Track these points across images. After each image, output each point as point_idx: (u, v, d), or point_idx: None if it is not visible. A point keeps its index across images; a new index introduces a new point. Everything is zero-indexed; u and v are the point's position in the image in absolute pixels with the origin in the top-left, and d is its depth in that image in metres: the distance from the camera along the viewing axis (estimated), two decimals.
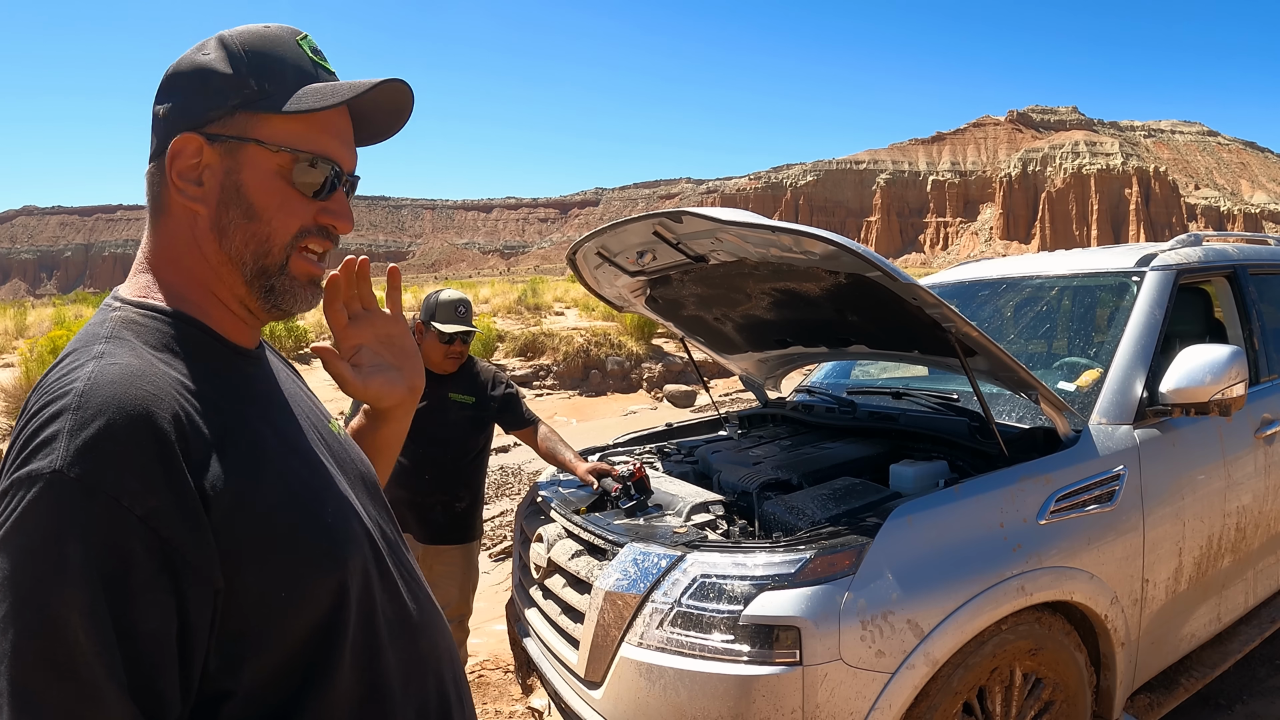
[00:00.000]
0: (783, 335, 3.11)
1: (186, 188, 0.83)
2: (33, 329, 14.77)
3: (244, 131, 0.83)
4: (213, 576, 0.71)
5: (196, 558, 0.69)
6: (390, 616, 0.87)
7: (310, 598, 0.77)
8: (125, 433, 0.68)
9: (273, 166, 0.84)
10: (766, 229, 2.00)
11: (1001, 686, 1.97)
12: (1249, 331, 3.00)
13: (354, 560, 0.83)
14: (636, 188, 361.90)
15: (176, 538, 0.68)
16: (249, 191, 0.84)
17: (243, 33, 0.85)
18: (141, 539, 0.66)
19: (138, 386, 0.72)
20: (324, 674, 0.78)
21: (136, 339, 0.79)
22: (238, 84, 0.82)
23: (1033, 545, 1.98)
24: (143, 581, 0.66)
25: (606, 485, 2.53)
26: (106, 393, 0.70)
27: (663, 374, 13.81)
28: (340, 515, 0.84)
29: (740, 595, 1.74)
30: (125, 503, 0.66)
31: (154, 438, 0.69)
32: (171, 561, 0.68)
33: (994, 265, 3.57)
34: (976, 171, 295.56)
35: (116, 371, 0.73)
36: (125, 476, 0.67)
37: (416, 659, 0.89)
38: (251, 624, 0.74)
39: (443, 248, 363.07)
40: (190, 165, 0.83)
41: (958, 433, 2.53)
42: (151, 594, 0.67)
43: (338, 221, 0.89)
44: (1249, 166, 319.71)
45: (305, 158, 0.85)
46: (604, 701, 1.89)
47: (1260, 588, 2.86)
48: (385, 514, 0.99)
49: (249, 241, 0.85)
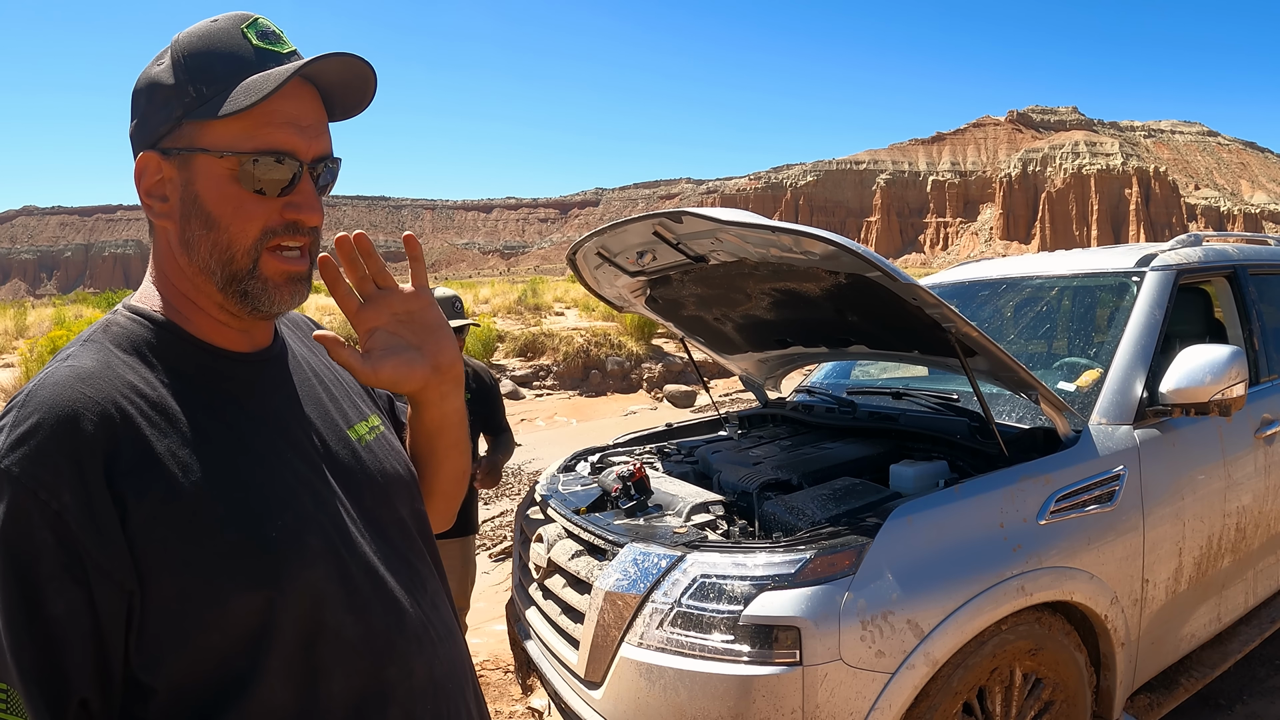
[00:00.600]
0: (783, 335, 3.11)
1: (154, 205, 0.84)
2: (33, 329, 14.77)
3: (192, 141, 0.82)
4: (122, 579, 0.73)
5: (102, 558, 0.72)
6: (352, 638, 0.83)
7: (231, 611, 0.76)
8: (50, 431, 0.72)
9: (223, 172, 0.82)
10: (766, 229, 2.00)
11: (1001, 686, 1.97)
12: (1249, 331, 3.00)
13: (298, 578, 0.80)
14: (636, 188, 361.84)
15: (84, 536, 0.71)
16: (205, 201, 0.82)
17: (187, 35, 0.83)
18: (54, 530, 0.70)
19: (77, 389, 0.75)
20: (248, 687, 0.77)
21: (109, 341, 0.82)
22: (179, 93, 0.81)
23: (1033, 545, 1.98)
24: (52, 570, 0.71)
25: (607, 485, 2.53)
26: (47, 394, 0.75)
27: (663, 374, 13.81)
28: (292, 531, 0.81)
29: (740, 595, 1.74)
30: (42, 496, 0.70)
31: (75, 439, 0.73)
32: (80, 557, 0.71)
33: (994, 265, 3.56)
34: (976, 171, 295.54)
35: (65, 374, 0.77)
36: (43, 471, 0.71)
37: (379, 684, 0.85)
38: (169, 630, 0.75)
39: (443, 248, 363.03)
40: (155, 183, 0.84)
41: (958, 433, 2.53)
42: (59, 582, 0.71)
43: (301, 215, 0.85)
44: (1249, 166, 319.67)
45: (251, 158, 0.81)
46: (604, 701, 1.89)
47: (1260, 588, 2.86)
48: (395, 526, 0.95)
49: (212, 251, 0.83)
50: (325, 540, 0.84)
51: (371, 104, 0.91)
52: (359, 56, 0.84)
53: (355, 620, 0.84)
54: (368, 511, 0.92)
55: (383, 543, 0.92)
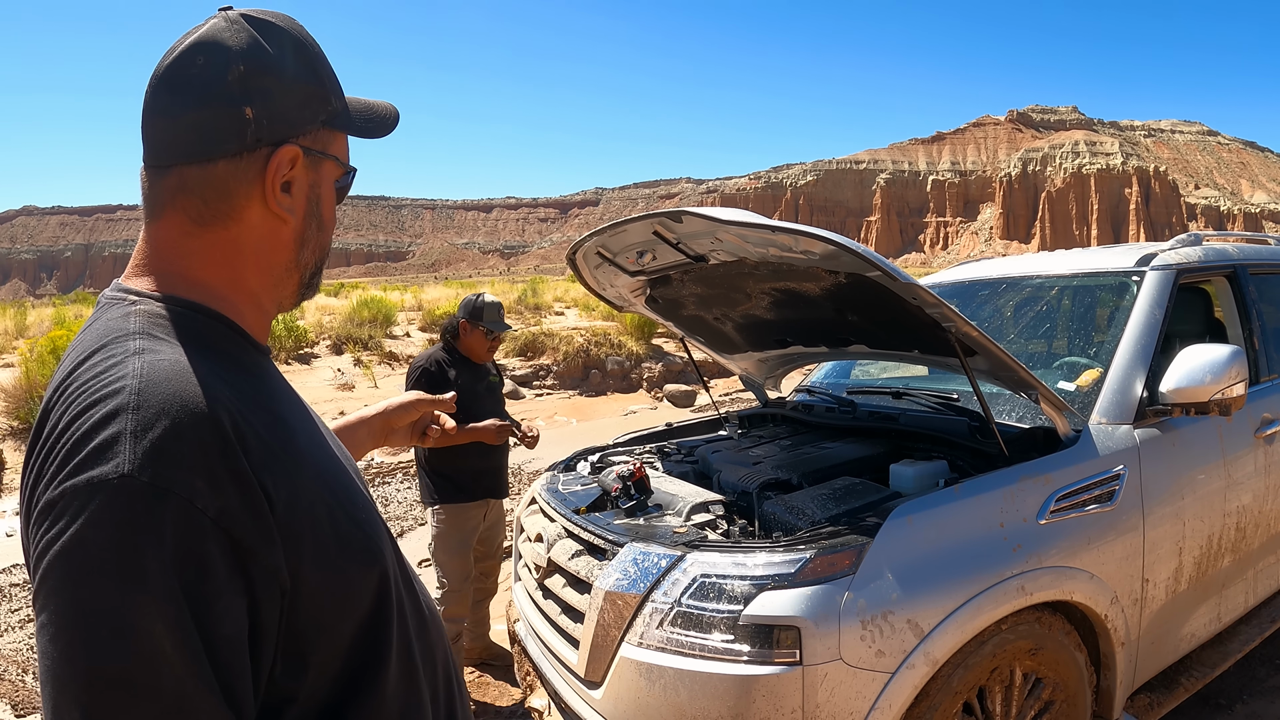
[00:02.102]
0: (783, 335, 3.11)
1: (282, 198, 0.83)
2: (33, 329, 14.77)
3: (326, 147, 0.87)
4: (280, 575, 0.69)
5: (267, 557, 0.67)
6: (410, 610, 0.88)
7: (360, 591, 0.78)
8: (191, 432, 0.65)
9: (335, 181, 0.90)
10: (766, 229, 2.00)
11: (1001, 686, 1.97)
12: (1249, 331, 3.00)
13: (386, 555, 0.83)
14: (636, 188, 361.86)
15: (248, 538, 0.66)
16: (324, 205, 0.89)
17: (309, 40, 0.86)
18: (216, 541, 0.64)
19: (192, 383, 0.69)
20: (377, 670, 0.79)
21: (169, 334, 0.75)
22: (323, 98, 0.85)
23: (1033, 545, 1.98)
24: (220, 585, 0.64)
25: (607, 485, 2.53)
26: (165, 390, 0.67)
27: (663, 374, 13.81)
28: (369, 511, 0.85)
29: (740, 595, 1.74)
30: (199, 504, 0.63)
31: (218, 435, 0.67)
32: (244, 562, 0.66)
33: (994, 265, 3.56)
34: (976, 171, 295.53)
35: (168, 368, 0.69)
36: (195, 477, 0.64)
37: (428, 648, 0.91)
38: (312, 622, 0.73)
39: (443, 248, 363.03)
40: (285, 176, 0.83)
41: (958, 432, 2.53)
42: (228, 597, 0.64)
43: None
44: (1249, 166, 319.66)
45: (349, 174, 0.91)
46: (604, 701, 1.89)
47: (1260, 587, 2.86)
48: None
49: (316, 250, 0.90)
50: (382, 521, 0.88)
51: None
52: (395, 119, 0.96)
53: (409, 594, 0.89)
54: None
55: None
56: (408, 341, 14.99)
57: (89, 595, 0.60)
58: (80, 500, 0.61)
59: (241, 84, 0.77)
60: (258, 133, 0.78)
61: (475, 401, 3.42)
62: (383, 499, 7.29)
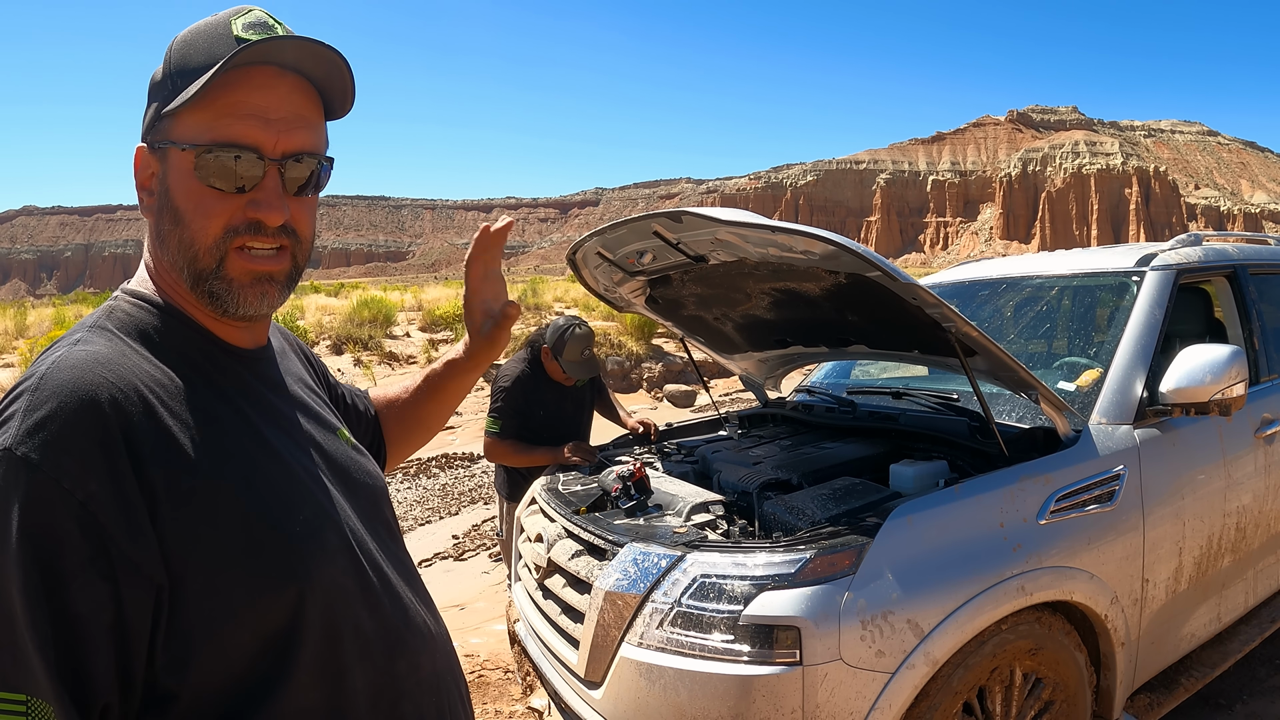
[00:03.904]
0: (783, 335, 3.11)
1: (144, 199, 0.84)
2: (33, 329, 14.77)
3: (166, 135, 0.80)
4: (152, 572, 0.69)
5: (132, 550, 0.68)
6: (368, 632, 0.83)
7: (262, 608, 0.75)
8: (72, 416, 0.68)
9: (187, 166, 0.79)
10: (766, 229, 2.00)
11: (1001, 686, 1.97)
12: (1249, 331, 3.00)
13: (322, 573, 0.79)
14: (636, 188, 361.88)
15: (113, 527, 0.67)
16: (173, 196, 0.80)
17: (187, 30, 0.82)
18: (79, 522, 0.66)
19: (96, 373, 0.71)
20: (276, 687, 0.75)
21: (118, 327, 0.79)
22: (162, 86, 0.80)
23: (1033, 545, 1.98)
24: (77, 564, 0.66)
25: (607, 485, 2.53)
26: (64, 377, 0.70)
27: (663, 374, 13.80)
28: (312, 527, 0.81)
29: (740, 595, 1.74)
30: (65, 485, 0.66)
31: (100, 425, 0.69)
32: (107, 550, 0.67)
33: (994, 265, 3.56)
34: (976, 171, 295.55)
35: (80, 357, 0.73)
36: (67, 459, 0.67)
37: (391, 679, 0.85)
38: (198, 627, 0.71)
39: (443, 248, 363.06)
40: (146, 176, 0.83)
41: (958, 432, 2.53)
42: (85, 577, 0.66)
43: (261, 214, 0.80)
44: (1249, 166, 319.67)
45: (207, 149, 0.78)
46: (604, 701, 1.89)
47: (1260, 587, 2.86)
48: (382, 526, 0.96)
49: (180, 248, 0.81)
50: (340, 535, 0.84)
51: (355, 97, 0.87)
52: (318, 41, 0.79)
53: (370, 615, 0.84)
54: (365, 508, 0.93)
55: (380, 540, 0.93)
56: (408, 341, 14.99)
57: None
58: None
59: None
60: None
61: (561, 419, 3.42)
62: None
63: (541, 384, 3.42)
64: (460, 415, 10.77)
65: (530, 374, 3.42)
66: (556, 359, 3.34)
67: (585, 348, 3.32)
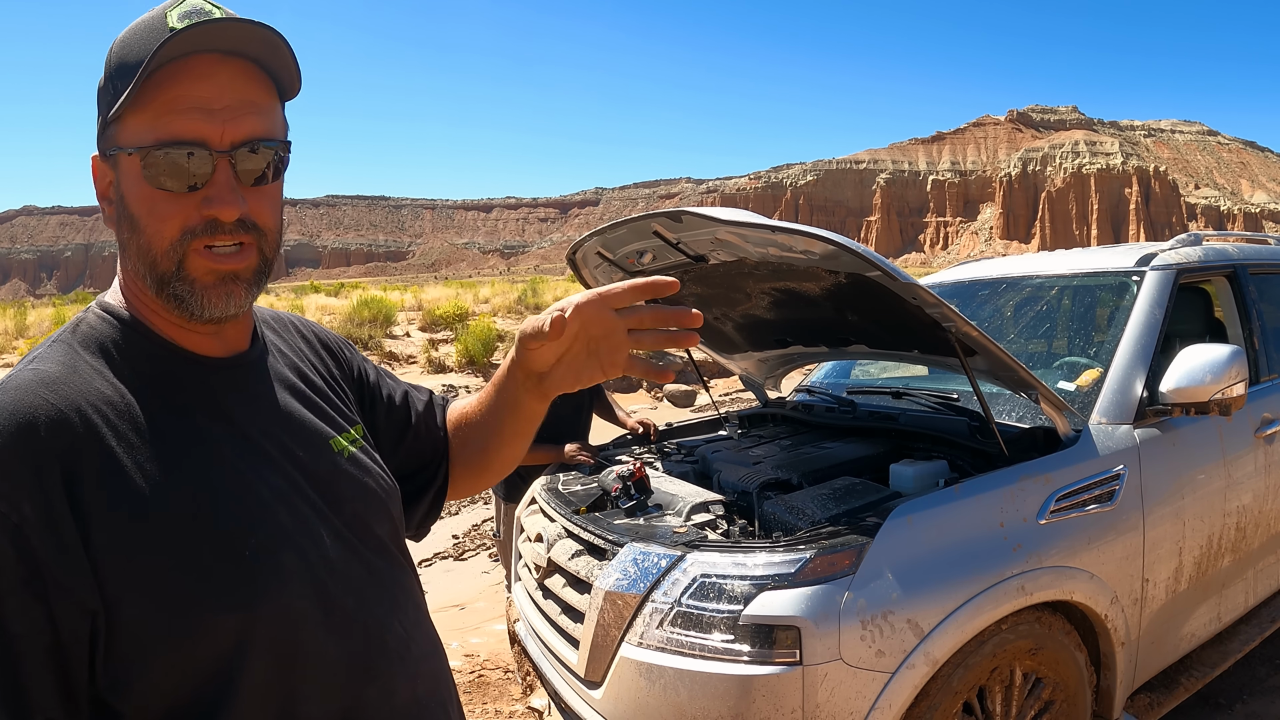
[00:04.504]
0: (783, 335, 3.11)
1: (105, 209, 0.82)
2: (33, 329, 14.78)
3: (114, 140, 0.77)
4: (84, 597, 0.68)
5: (63, 575, 0.67)
6: (331, 659, 0.80)
7: (204, 633, 0.72)
8: (8, 440, 0.68)
9: (136, 171, 0.76)
10: (766, 229, 2.00)
11: (1002, 686, 1.97)
12: (1249, 331, 3.00)
13: (272, 599, 0.76)
14: (636, 188, 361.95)
15: (43, 551, 0.67)
16: (129, 203, 0.77)
17: (126, 29, 0.78)
18: (14, 544, 0.66)
19: (38, 394, 0.71)
20: (220, 712, 0.73)
21: (77, 342, 0.79)
22: (105, 91, 0.77)
23: (1033, 545, 1.98)
24: (12, 585, 0.66)
25: (607, 485, 2.53)
26: (7, 400, 0.70)
27: None
28: (266, 547, 0.77)
29: (740, 595, 1.74)
30: (1, 507, 0.66)
31: (34, 448, 0.68)
32: (40, 573, 0.67)
33: (994, 265, 3.56)
34: (976, 171, 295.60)
35: (27, 379, 0.73)
36: (1, 482, 0.67)
37: (359, 706, 0.82)
38: (134, 652, 0.70)
39: (443, 247, 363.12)
40: (105, 185, 0.80)
41: (958, 432, 2.53)
42: (18, 599, 0.66)
43: (215, 210, 0.76)
44: (1249, 166, 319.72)
45: (150, 150, 0.74)
46: (604, 701, 1.89)
47: (1260, 587, 2.86)
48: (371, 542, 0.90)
49: (139, 254, 0.78)
50: (302, 557, 0.80)
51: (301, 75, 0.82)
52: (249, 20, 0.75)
53: (336, 641, 0.80)
54: (349, 525, 0.87)
55: (363, 558, 0.88)
56: (408, 341, 14.99)
57: None
58: None
59: None
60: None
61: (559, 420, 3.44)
62: None
63: None
64: None
65: None
66: None
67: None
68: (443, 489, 1.12)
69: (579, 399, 3.61)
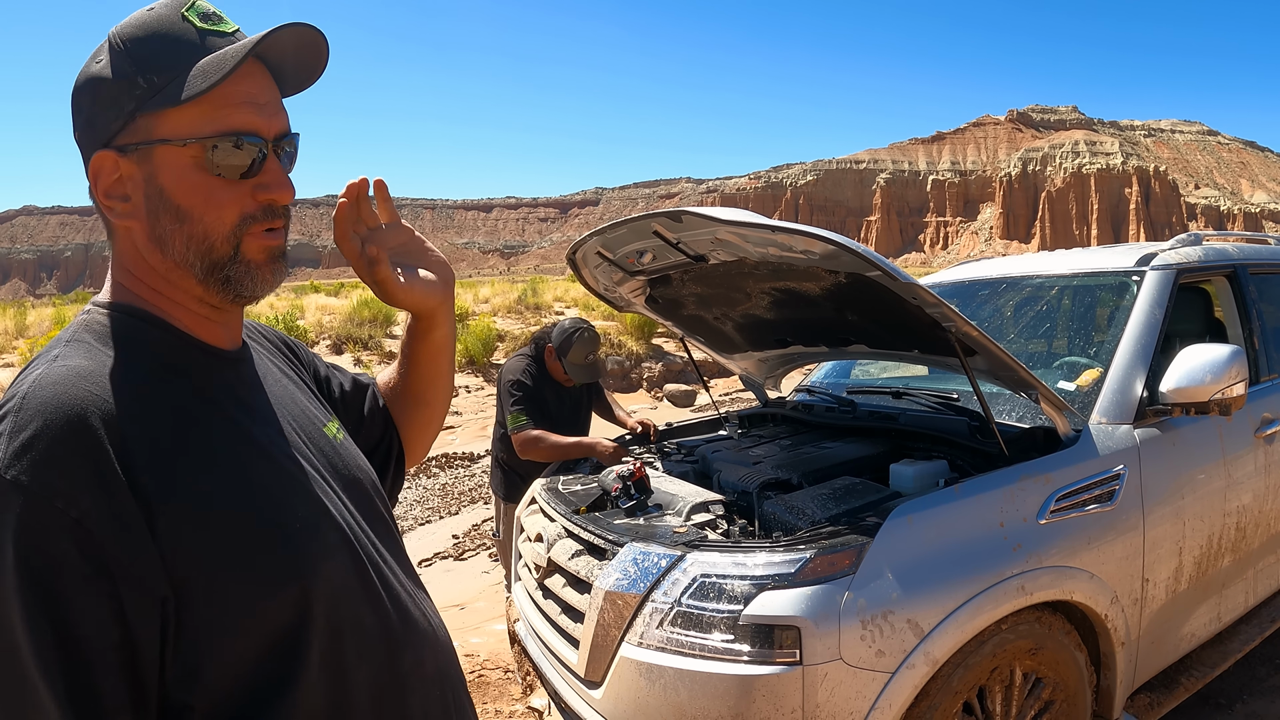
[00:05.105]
0: (783, 335, 3.11)
1: (115, 206, 0.81)
2: (33, 329, 14.77)
3: (149, 134, 0.79)
4: (155, 585, 0.68)
5: (133, 564, 0.67)
6: (370, 629, 0.84)
7: (269, 609, 0.75)
8: (59, 433, 0.67)
9: (187, 162, 0.79)
10: (766, 228, 2.00)
11: (1002, 686, 1.97)
12: (1249, 331, 3.00)
13: (322, 570, 0.79)
14: (636, 187, 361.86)
15: (111, 542, 0.66)
16: (172, 194, 0.80)
17: (127, 26, 0.79)
18: (75, 541, 0.65)
19: (80, 388, 0.71)
20: (287, 688, 0.75)
21: (95, 340, 0.78)
22: (129, 86, 0.78)
23: (1033, 545, 1.98)
24: (77, 584, 0.65)
25: (607, 485, 2.53)
26: (46, 395, 0.69)
27: (663, 374, 13.80)
28: (309, 523, 0.81)
29: (740, 595, 1.74)
30: (59, 504, 0.65)
31: (88, 441, 0.68)
32: (107, 566, 0.66)
33: (994, 265, 3.56)
34: (976, 171, 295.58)
35: (61, 373, 0.72)
36: (58, 478, 0.66)
37: (396, 675, 0.86)
38: (207, 635, 0.71)
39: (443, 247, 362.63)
40: (113, 182, 0.80)
41: (958, 432, 2.53)
42: (87, 597, 0.65)
43: (274, 195, 0.83)
44: (1249, 166, 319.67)
45: (214, 141, 0.79)
46: (604, 701, 1.89)
47: (1260, 587, 2.86)
48: (379, 522, 0.95)
49: (189, 244, 0.81)
50: (339, 532, 0.84)
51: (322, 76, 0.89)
52: (310, 25, 0.82)
53: (371, 611, 0.84)
54: (358, 505, 0.92)
55: (379, 535, 0.93)
56: None
57: None
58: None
59: (72, 112, 0.81)
60: (83, 152, 0.81)
61: (560, 419, 3.41)
62: None
63: (542, 382, 3.41)
64: (460, 415, 10.77)
65: (534, 370, 3.42)
66: (560, 359, 3.36)
67: (590, 351, 3.33)
68: (401, 457, 1.20)
69: (578, 398, 3.61)
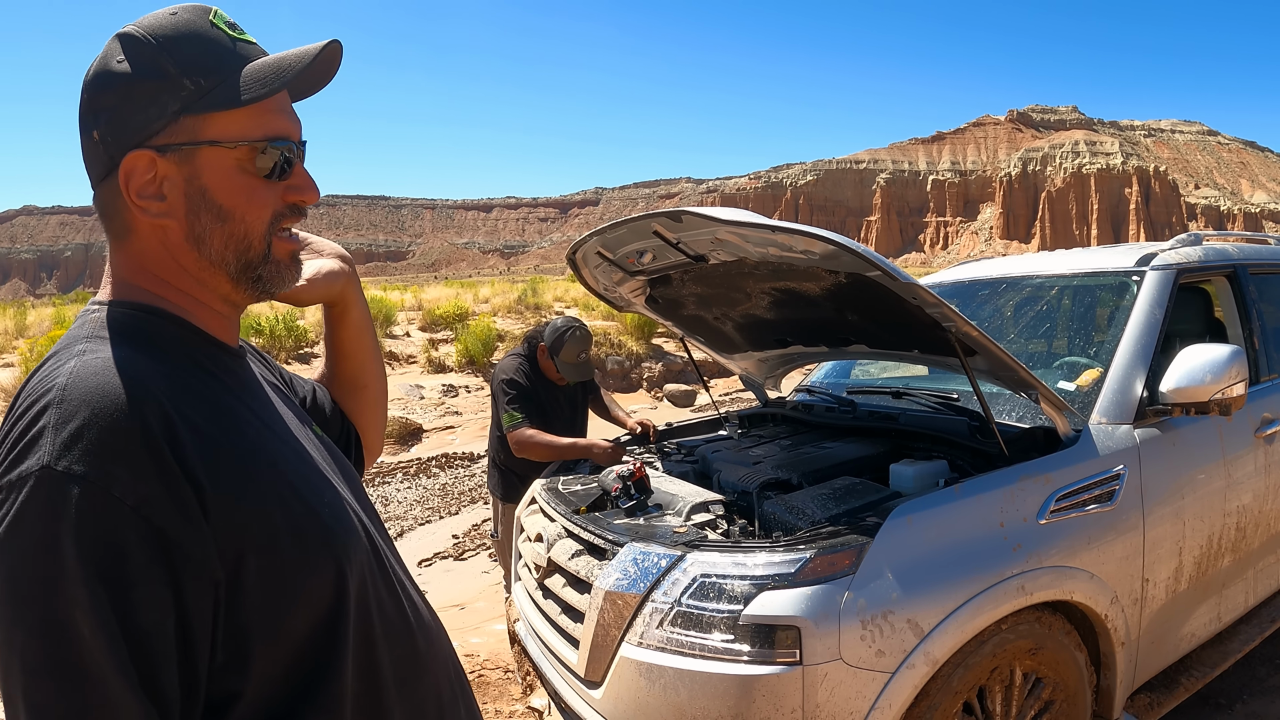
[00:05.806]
0: (783, 335, 3.11)
1: (150, 205, 0.80)
2: (33, 329, 14.77)
3: (195, 135, 0.79)
4: (211, 568, 0.69)
5: (192, 547, 0.68)
6: (389, 613, 0.86)
7: (311, 591, 0.77)
8: (111, 421, 0.66)
9: (232, 163, 0.81)
10: (766, 228, 2.00)
11: (1002, 686, 1.97)
12: (1249, 331, 3.00)
13: (353, 554, 0.82)
14: (636, 187, 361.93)
15: (171, 527, 0.66)
16: (216, 194, 0.81)
17: (155, 27, 0.79)
18: (135, 529, 0.65)
19: (124, 378, 0.70)
20: (331, 669, 0.77)
21: (118, 335, 0.78)
22: (172, 87, 0.78)
23: (1033, 545, 1.98)
24: (139, 572, 0.65)
25: (607, 485, 2.53)
26: (90, 384, 0.68)
27: (663, 374, 13.80)
28: (336, 509, 0.84)
29: (740, 595, 1.74)
30: (116, 492, 0.64)
31: (140, 426, 0.67)
32: (167, 551, 0.66)
33: (994, 265, 3.56)
34: (976, 171, 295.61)
35: (99, 364, 0.71)
36: (114, 466, 0.65)
37: (413, 656, 0.88)
38: (256, 619, 0.72)
39: (443, 247, 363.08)
40: (147, 181, 0.80)
41: (958, 432, 2.53)
42: (148, 585, 0.65)
43: (305, 196, 0.87)
44: (1249, 166, 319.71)
45: (262, 145, 0.82)
46: (604, 701, 1.89)
47: (1260, 587, 2.86)
48: (374, 515, 0.98)
49: (229, 243, 0.83)
50: (357, 519, 0.87)
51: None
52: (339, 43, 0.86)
53: (388, 594, 0.88)
54: (356, 496, 0.96)
55: (379, 528, 0.96)
56: (408, 341, 14.98)
57: (17, 586, 0.63)
58: (10, 494, 0.65)
59: (88, 109, 0.80)
60: (109, 151, 0.79)
61: (555, 419, 3.41)
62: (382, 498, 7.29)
63: (536, 381, 3.42)
64: (460, 415, 10.77)
65: (527, 370, 3.42)
66: (552, 358, 3.35)
67: (582, 350, 3.32)
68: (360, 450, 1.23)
69: (574, 397, 3.60)
